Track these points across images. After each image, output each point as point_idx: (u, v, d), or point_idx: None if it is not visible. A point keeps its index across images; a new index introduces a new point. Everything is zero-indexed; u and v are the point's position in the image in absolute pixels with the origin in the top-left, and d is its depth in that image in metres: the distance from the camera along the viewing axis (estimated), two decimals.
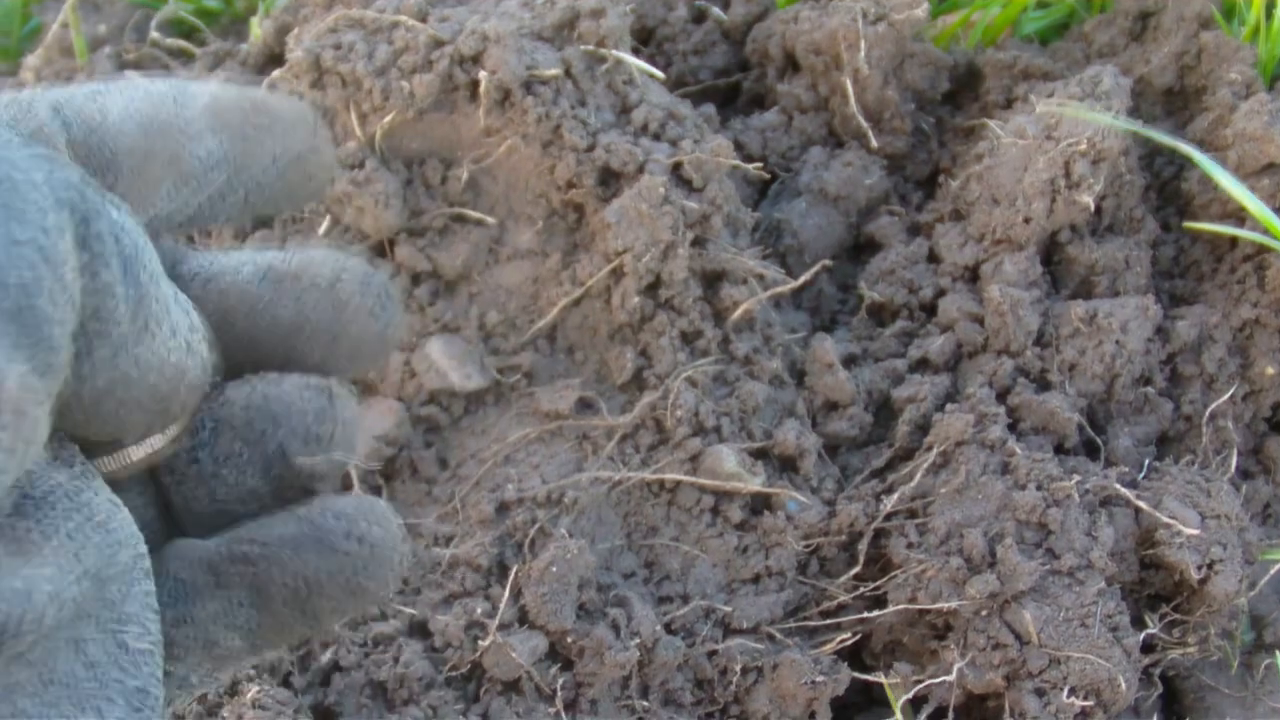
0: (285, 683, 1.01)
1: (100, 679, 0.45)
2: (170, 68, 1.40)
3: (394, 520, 0.51)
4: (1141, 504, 1.05)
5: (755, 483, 1.07)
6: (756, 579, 1.07)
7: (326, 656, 1.03)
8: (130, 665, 0.45)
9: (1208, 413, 1.13)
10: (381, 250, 1.16)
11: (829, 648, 1.04)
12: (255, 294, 0.51)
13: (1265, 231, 1.13)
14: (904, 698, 1.01)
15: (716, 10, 1.36)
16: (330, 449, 0.52)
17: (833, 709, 1.03)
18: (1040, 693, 1.00)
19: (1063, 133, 1.16)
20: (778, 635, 1.05)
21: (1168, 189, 1.26)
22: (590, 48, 1.14)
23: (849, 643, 1.05)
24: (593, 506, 1.08)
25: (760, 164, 1.23)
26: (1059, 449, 1.10)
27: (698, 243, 1.12)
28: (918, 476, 1.06)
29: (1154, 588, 1.06)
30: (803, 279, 1.18)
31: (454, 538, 1.07)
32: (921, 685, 1.02)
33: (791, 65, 1.32)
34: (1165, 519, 1.03)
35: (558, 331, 1.15)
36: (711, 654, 1.04)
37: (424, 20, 1.14)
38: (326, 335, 0.51)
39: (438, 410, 1.13)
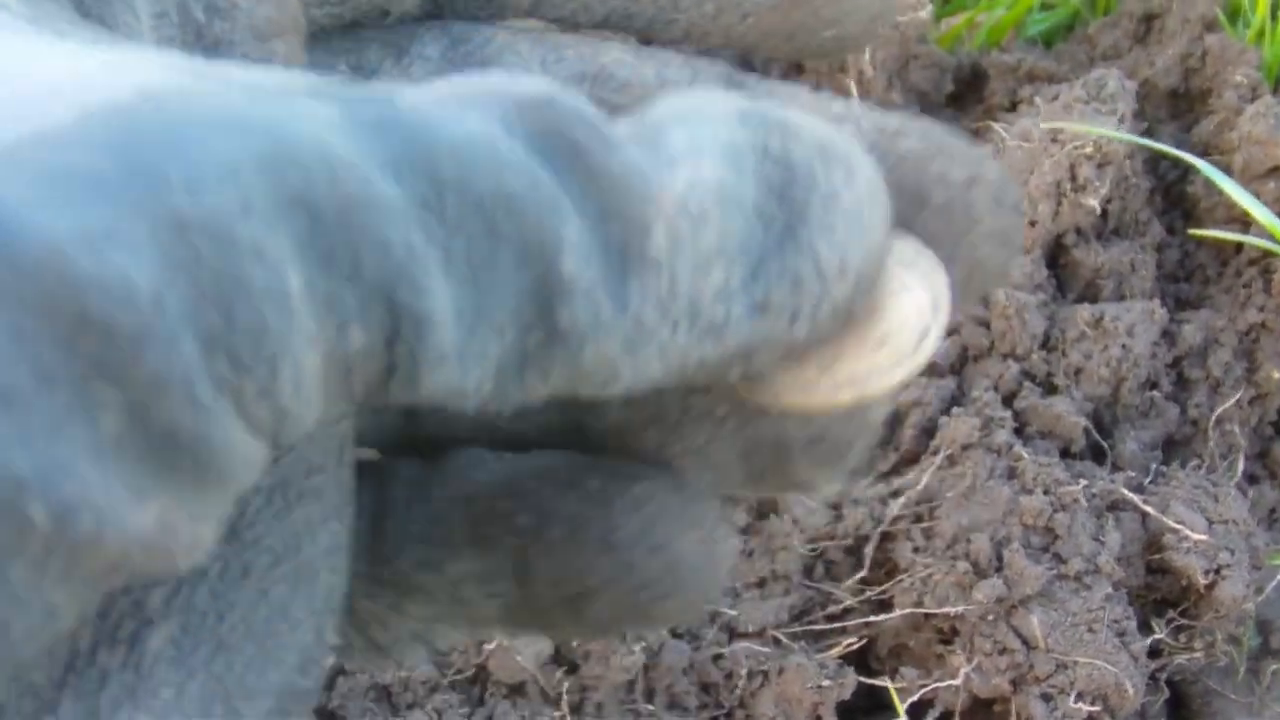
0: None
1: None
2: None
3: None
4: (1148, 509, 1.04)
5: None
6: (762, 583, 1.06)
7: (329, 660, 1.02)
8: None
9: (1214, 417, 1.13)
10: None
11: (835, 652, 1.04)
12: None
13: (1271, 236, 1.13)
14: (909, 701, 1.01)
15: None
16: None
17: (838, 713, 1.02)
18: (1047, 698, 0.99)
19: (1068, 136, 1.15)
20: (783, 639, 1.05)
21: (1173, 192, 1.25)
22: None
23: (855, 647, 1.04)
24: None
25: None
26: (1065, 453, 1.10)
27: None
28: (924, 481, 1.05)
29: (1161, 593, 1.06)
30: None
31: None
32: (927, 690, 1.01)
33: (795, 67, 1.31)
34: (1172, 524, 1.03)
35: None
36: (717, 658, 1.03)
37: None
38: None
39: None
